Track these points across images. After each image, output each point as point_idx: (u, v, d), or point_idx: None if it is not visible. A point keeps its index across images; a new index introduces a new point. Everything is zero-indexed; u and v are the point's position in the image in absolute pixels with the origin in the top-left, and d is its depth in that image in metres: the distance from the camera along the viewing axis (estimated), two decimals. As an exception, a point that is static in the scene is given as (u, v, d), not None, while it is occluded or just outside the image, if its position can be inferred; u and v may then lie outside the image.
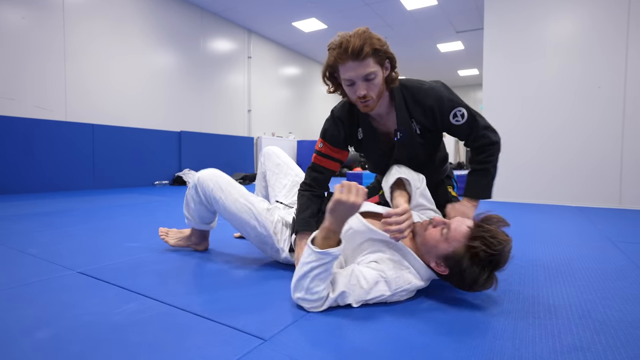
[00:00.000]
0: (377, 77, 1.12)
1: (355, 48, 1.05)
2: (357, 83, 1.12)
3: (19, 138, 3.99)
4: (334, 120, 1.32)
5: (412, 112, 1.24)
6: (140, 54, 5.29)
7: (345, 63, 1.09)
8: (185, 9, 5.90)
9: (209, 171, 1.40)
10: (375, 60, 1.10)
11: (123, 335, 0.85)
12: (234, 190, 1.36)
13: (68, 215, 2.59)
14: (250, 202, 1.35)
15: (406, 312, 1.00)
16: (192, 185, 1.42)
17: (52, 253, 1.56)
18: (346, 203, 0.93)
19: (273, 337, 0.84)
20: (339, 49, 1.08)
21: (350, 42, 1.06)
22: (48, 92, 4.27)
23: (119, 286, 1.17)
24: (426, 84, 1.24)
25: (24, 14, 4.03)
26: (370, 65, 1.09)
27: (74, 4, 4.46)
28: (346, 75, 1.11)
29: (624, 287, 1.23)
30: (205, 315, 0.96)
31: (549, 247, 1.83)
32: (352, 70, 1.09)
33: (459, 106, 1.23)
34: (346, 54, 1.07)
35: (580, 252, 1.72)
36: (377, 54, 1.09)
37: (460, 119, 1.23)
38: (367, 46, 1.06)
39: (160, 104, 5.62)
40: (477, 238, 0.95)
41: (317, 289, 0.95)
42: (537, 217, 2.85)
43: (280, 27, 7.04)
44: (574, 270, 1.42)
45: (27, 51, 4.06)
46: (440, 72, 10.45)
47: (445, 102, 1.21)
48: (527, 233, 2.20)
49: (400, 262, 1.07)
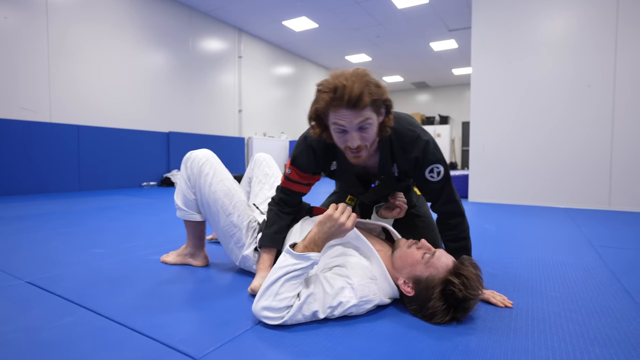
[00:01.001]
0: (372, 125, 0.99)
1: (353, 97, 0.91)
2: (350, 133, 0.98)
3: (3, 140, 3.92)
4: (306, 149, 1.18)
5: (397, 159, 1.15)
6: (128, 54, 5.22)
7: (338, 110, 0.95)
8: (173, 8, 5.83)
9: (204, 149, 1.39)
10: (372, 109, 0.97)
11: (43, 355, 0.79)
12: (224, 171, 1.37)
13: (43, 218, 2.53)
14: (234, 189, 1.34)
15: (365, 334, 0.95)
16: (183, 161, 1.37)
17: (8, 260, 1.51)
18: (336, 221, 0.96)
19: (206, 356, 0.79)
20: (333, 94, 0.93)
21: (346, 89, 0.91)
22: (32, 93, 4.20)
23: (63, 297, 1.12)
24: (417, 132, 1.11)
25: (6, 14, 3.97)
26: (366, 114, 0.96)
27: (57, 4, 4.39)
28: (339, 122, 0.97)
29: (591, 297, 1.18)
30: (142, 331, 0.90)
31: (527, 252, 1.78)
32: (345, 119, 0.95)
33: (439, 163, 1.12)
34: (341, 101, 0.92)
35: (557, 258, 1.67)
36: (375, 104, 0.96)
37: (435, 176, 1.13)
38: (366, 95, 0.92)
39: (148, 105, 5.55)
40: (460, 275, 0.92)
41: (286, 295, 0.91)
42: (523, 219, 2.81)
43: (270, 26, 6.98)
44: (545, 279, 1.37)
45: (10, 52, 3.99)
46: (434, 71, 10.40)
47: (428, 154, 1.11)
48: (508, 236, 2.15)
49: (369, 269, 1.03)
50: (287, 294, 0.91)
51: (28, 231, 2.11)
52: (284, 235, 1.24)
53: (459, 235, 1.19)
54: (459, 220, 1.19)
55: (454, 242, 1.19)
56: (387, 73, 10.81)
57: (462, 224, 1.19)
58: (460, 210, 1.19)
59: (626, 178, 3.31)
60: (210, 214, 1.35)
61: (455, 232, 1.19)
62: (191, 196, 1.36)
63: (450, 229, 1.20)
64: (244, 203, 1.35)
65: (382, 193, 1.31)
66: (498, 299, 1.11)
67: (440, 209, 1.20)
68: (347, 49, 8.42)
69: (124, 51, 5.17)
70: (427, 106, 12.72)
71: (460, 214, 1.19)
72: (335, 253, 1.10)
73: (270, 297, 0.91)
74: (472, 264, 0.97)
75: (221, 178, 1.34)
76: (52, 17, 4.35)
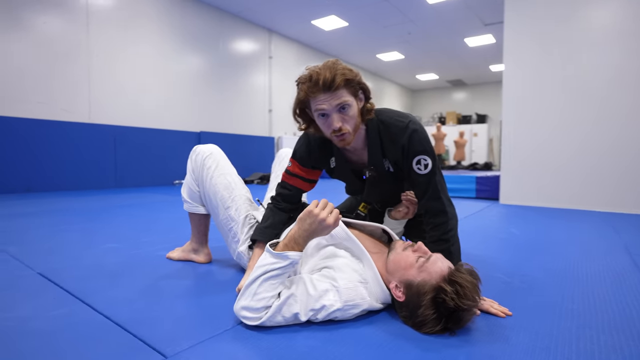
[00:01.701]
0: (352, 108, 1.04)
1: (327, 79, 0.98)
2: (331, 115, 1.03)
3: (46, 139, 4.22)
4: (307, 143, 1.24)
5: (386, 151, 1.15)
6: (161, 57, 5.44)
7: (317, 96, 1.01)
8: (204, 11, 6.01)
9: (211, 144, 1.42)
10: (348, 91, 1.03)
11: (23, 342, 0.82)
12: (227, 166, 1.38)
13: (72, 213, 2.68)
14: (235, 183, 1.36)
15: (347, 340, 0.90)
16: (190, 155, 1.40)
17: (28, 251, 1.60)
18: (315, 217, 0.92)
19: (177, 355, 0.78)
20: (309, 83, 1.01)
21: (320, 75, 0.99)
22: (73, 95, 4.48)
23: (64, 289, 1.16)
24: (405, 122, 1.11)
25: (46, 19, 4.25)
26: (343, 96, 1.02)
27: (97, 9, 4.65)
28: (319, 107, 1.03)
29: (615, 313, 1.05)
30: (124, 325, 0.91)
31: (551, 259, 1.64)
32: (324, 102, 1.02)
33: (427, 155, 1.11)
34: (317, 86, 1.00)
35: (585, 267, 1.52)
36: (350, 85, 1.03)
37: (422, 169, 1.11)
38: (338, 77, 0.99)
39: (181, 106, 5.76)
40: (453, 283, 0.85)
41: (265, 295, 0.88)
42: (555, 224, 2.60)
43: (300, 26, 7.01)
44: (564, 290, 1.24)
45: (52, 56, 4.29)
46: (469, 68, 10.00)
47: (415, 144, 1.10)
48: (535, 242, 2.00)
49: (361, 273, 0.98)
50: (265, 294, 0.88)
51: (54, 225, 2.24)
52: (277, 231, 1.21)
53: (441, 236, 1.11)
54: (442, 220, 1.12)
55: (435, 244, 1.12)
56: (421, 71, 10.54)
57: (446, 225, 1.11)
58: (445, 209, 1.12)
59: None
60: (211, 207, 1.36)
61: (437, 232, 1.12)
62: (195, 189, 1.38)
63: (433, 229, 1.13)
64: (244, 197, 1.34)
65: (379, 190, 1.26)
66: (497, 308, 1.01)
67: (425, 205, 1.14)
68: (378, 47, 8.30)
69: (158, 54, 5.39)
70: (464, 105, 12.27)
71: (443, 213, 1.12)
72: (326, 254, 1.05)
73: (249, 297, 0.89)
74: (469, 272, 0.89)
75: (223, 172, 1.35)
76: (92, 22, 4.61)
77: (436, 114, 12.44)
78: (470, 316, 0.89)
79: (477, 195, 4.10)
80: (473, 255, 1.68)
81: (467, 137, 10.90)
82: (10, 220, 2.36)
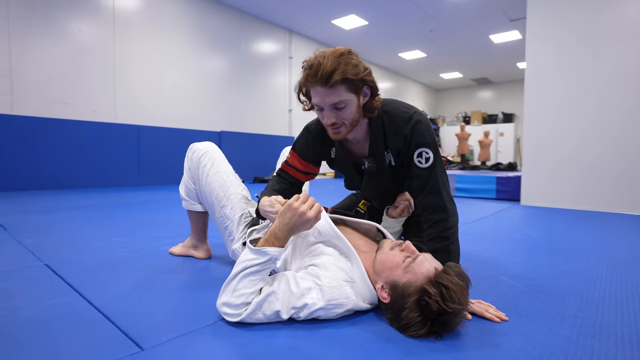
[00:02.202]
0: (349, 106, 1.01)
1: (325, 73, 0.94)
2: (325, 110, 1.02)
3: (76, 138, 4.41)
4: (306, 135, 1.24)
5: (389, 142, 1.12)
6: (184, 59, 5.58)
7: (314, 87, 0.99)
8: (225, 13, 6.11)
9: (207, 142, 1.42)
10: (348, 89, 0.98)
11: (15, 330, 0.84)
12: (222, 164, 1.37)
13: (91, 209, 2.78)
14: (230, 181, 1.34)
15: (327, 340, 0.88)
16: (186, 153, 1.41)
17: (41, 244, 1.66)
18: (295, 211, 0.91)
19: (152, 348, 0.78)
20: (309, 70, 0.97)
21: (320, 66, 0.95)
22: (100, 96, 4.67)
23: (64, 280, 1.19)
24: (409, 112, 1.08)
25: (81, 27, 4.45)
26: (340, 94, 0.98)
27: (122, 14, 4.82)
28: (314, 100, 1.01)
29: (628, 325, 0.97)
30: (111, 317, 0.92)
31: (567, 263, 1.54)
32: (319, 96, 0.99)
33: (429, 147, 1.07)
34: (315, 77, 0.96)
35: (602, 273, 1.43)
36: (351, 83, 0.98)
37: (423, 162, 1.07)
38: (337, 73, 0.94)
39: (202, 106, 5.88)
40: (438, 285, 0.81)
41: (244, 291, 0.87)
42: (578, 226, 2.46)
43: (320, 26, 7.01)
44: (574, 297, 1.17)
45: (83, 60, 4.47)
46: (496, 65, 9.69)
47: (417, 134, 1.06)
48: (552, 245, 1.89)
49: (348, 271, 0.95)
50: (244, 290, 0.87)
51: (72, 219, 2.33)
52: (282, 195, 1.18)
53: (440, 234, 1.06)
54: (442, 217, 1.06)
55: (433, 242, 1.06)
56: (444, 69, 10.31)
57: (445, 222, 1.06)
58: (445, 205, 1.07)
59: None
60: (207, 205, 1.37)
61: (435, 229, 1.07)
62: (192, 186, 1.39)
63: (431, 226, 1.08)
64: (239, 196, 1.33)
65: (376, 183, 1.23)
66: (492, 312, 0.96)
67: (423, 201, 1.09)
68: (399, 45, 8.18)
69: (180, 57, 5.53)
70: (490, 103, 11.91)
71: (443, 209, 1.07)
72: (314, 252, 1.03)
73: (229, 293, 0.88)
74: (457, 273, 0.84)
75: (218, 170, 1.34)
76: (117, 26, 4.78)
77: (460, 113, 12.13)
78: (459, 320, 0.84)
79: (498, 196, 3.95)
80: (481, 257, 1.61)
81: (493, 137, 10.55)
82: (33, 215, 2.47)
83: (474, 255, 1.63)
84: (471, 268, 1.41)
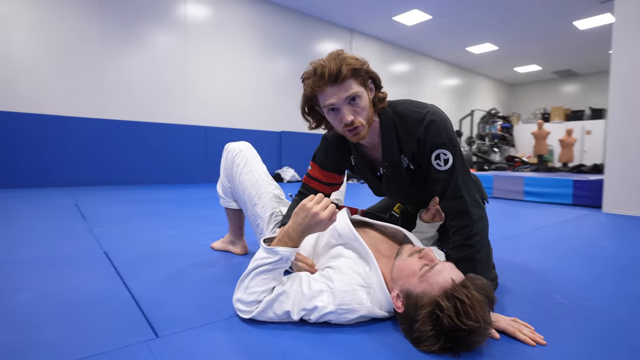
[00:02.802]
0: (363, 98, 0.98)
1: (333, 71, 0.93)
2: (342, 109, 0.98)
3: (151, 139, 4.88)
4: (325, 145, 1.23)
5: (403, 145, 1.06)
6: (248, 62, 5.86)
7: (324, 90, 0.96)
8: (287, 16, 6.28)
9: (243, 142, 1.47)
10: (357, 82, 0.97)
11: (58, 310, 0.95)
12: (255, 163, 1.40)
13: (157, 203, 3.05)
14: (262, 180, 1.37)
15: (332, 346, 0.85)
16: (223, 152, 1.48)
17: (107, 233, 1.86)
18: (308, 211, 0.90)
19: (167, 336, 0.83)
20: (314, 77, 0.97)
21: (325, 67, 0.94)
22: (172, 99, 5.11)
23: (113, 266, 1.32)
24: (422, 112, 1.01)
25: (157, 37, 4.91)
26: (352, 87, 0.96)
27: (193, 23, 5.22)
28: (327, 102, 0.97)
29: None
30: (140, 303, 1.00)
31: None
32: (333, 96, 0.96)
33: (447, 148, 0.99)
34: (323, 79, 0.95)
35: (686, 294, 1.19)
36: (358, 74, 0.97)
37: (442, 165, 1.00)
38: (344, 67, 0.94)
39: (264, 107, 6.13)
40: (452, 298, 0.74)
41: (256, 289, 0.89)
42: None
43: (381, 23, 6.87)
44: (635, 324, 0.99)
45: (159, 67, 4.94)
46: (582, 55, 8.64)
47: (432, 136, 0.99)
48: (628, 262, 1.64)
49: (365, 276, 0.92)
50: (256, 289, 0.88)
51: (138, 212, 2.57)
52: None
53: (464, 241, 0.96)
54: (465, 223, 0.97)
55: (456, 250, 0.98)
56: (519, 63, 9.48)
57: (469, 228, 0.96)
58: (467, 210, 0.97)
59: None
60: (241, 203, 1.41)
61: (459, 237, 0.98)
62: (227, 185, 1.44)
63: (455, 233, 0.99)
64: (270, 195, 1.35)
65: (396, 188, 1.17)
66: (527, 333, 0.85)
67: (445, 206, 1.01)
68: (467, 39, 7.70)
69: (245, 60, 5.82)
70: (575, 98, 10.67)
71: (466, 214, 0.97)
72: (333, 254, 1.01)
73: (242, 290, 0.90)
74: (478, 287, 0.76)
75: (251, 169, 1.38)
76: (189, 35, 5.19)
77: (539, 110, 11.04)
78: (480, 338, 0.76)
79: (575, 202, 3.52)
80: (533, 269, 1.44)
81: (577, 136, 9.44)
82: (109, 206, 2.79)
83: (525, 267, 1.47)
84: (518, 281, 1.28)
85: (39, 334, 0.82)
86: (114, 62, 4.58)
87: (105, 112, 4.55)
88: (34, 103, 4.07)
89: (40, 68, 4.09)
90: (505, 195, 4.05)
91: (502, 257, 1.60)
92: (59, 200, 3.06)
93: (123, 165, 4.68)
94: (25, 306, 0.97)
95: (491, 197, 4.13)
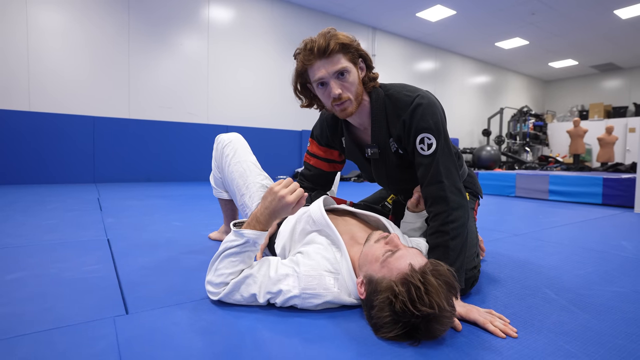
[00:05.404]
0: (351, 74, 1.01)
1: (321, 45, 0.97)
2: (330, 82, 1.00)
3: (174, 138, 5.07)
4: (320, 121, 1.28)
5: (392, 128, 1.06)
6: (269, 62, 5.95)
7: (313, 64, 1.00)
8: (308, 15, 6.32)
9: (233, 133, 1.49)
10: (346, 57, 1.00)
11: (49, 285, 1.01)
12: (244, 154, 1.42)
13: (171, 199, 3.16)
14: (250, 170, 1.38)
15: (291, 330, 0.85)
16: (214, 143, 1.51)
17: (117, 223, 1.95)
18: (275, 194, 0.90)
19: (136, 313, 0.86)
20: (305, 51, 1.01)
21: (315, 42, 0.99)
22: (195, 100, 5.28)
23: (111, 251, 1.39)
24: (412, 96, 1.02)
25: (182, 41, 5.09)
26: (340, 62, 0.99)
27: (215, 24, 5.37)
28: (316, 75, 1.00)
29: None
30: (123, 284, 1.05)
31: (648, 281, 1.22)
32: (322, 69, 0.99)
33: (431, 133, 0.98)
34: (312, 53, 0.99)
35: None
36: (347, 50, 1.00)
37: (426, 149, 0.99)
38: (333, 42, 0.97)
39: (284, 107, 6.19)
40: (406, 284, 0.72)
41: (223, 271, 0.89)
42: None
43: (404, 20, 6.76)
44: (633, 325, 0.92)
45: (183, 70, 5.12)
46: (624, 47, 8.09)
47: (417, 119, 0.99)
48: (641, 259, 1.52)
49: (334, 262, 0.92)
50: (224, 270, 0.89)
51: (152, 206, 2.68)
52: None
53: (440, 227, 0.94)
54: (442, 209, 0.95)
55: (431, 237, 0.96)
56: (554, 57, 9.02)
57: (446, 214, 0.94)
58: (445, 196, 0.95)
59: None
60: (231, 193, 1.44)
61: (435, 222, 0.96)
62: (218, 175, 1.48)
63: (432, 219, 0.97)
64: (258, 185, 1.36)
65: (385, 173, 1.17)
66: (498, 325, 0.81)
67: (425, 191, 1.00)
68: (495, 34, 7.43)
69: (265, 60, 5.91)
70: (617, 93, 10.02)
71: (443, 200, 0.96)
72: (307, 241, 1.01)
73: (212, 272, 0.91)
74: (438, 272, 0.74)
75: (239, 160, 1.39)
76: (212, 37, 5.34)
77: (576, 107, 10.45)
78: (440, 326, 0.73)
79: (604, 202, 3.30)
80: (534, 264, 1.37)
81: (620, 134, 8.85)
82: (126, 200, 2.92)
83: (526, 263, 1.40)
84: (513, 276, 1.23)
85: (14, 307, 0.88)
86: (141, 65, 4.79)
87: (133, 112, 4.77)
88: (61, 104, 4.33)
89: (78, 72, 4.35)
90: (529, 195, 3.87)
91: (504, 253, 1.55)
92: (85, 194, 3.24)
93: (149, 163, 4.88)
94: (12, 284, 1.04)
95: (514, 197, 3.95)
